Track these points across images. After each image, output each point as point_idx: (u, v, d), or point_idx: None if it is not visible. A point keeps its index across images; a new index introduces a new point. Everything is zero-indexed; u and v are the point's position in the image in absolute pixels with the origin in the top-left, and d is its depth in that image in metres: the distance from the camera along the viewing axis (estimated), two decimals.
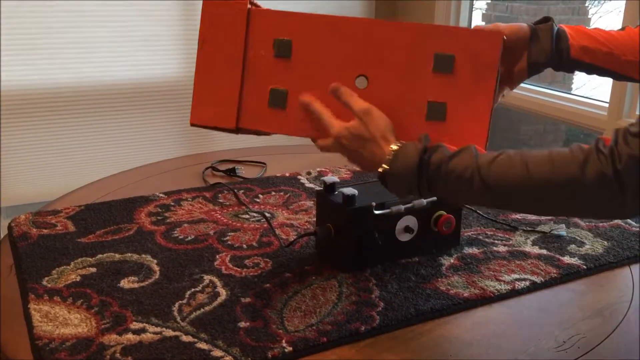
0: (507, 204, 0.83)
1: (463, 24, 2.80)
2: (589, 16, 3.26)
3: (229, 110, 0.99)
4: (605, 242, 1.20)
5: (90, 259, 1.09)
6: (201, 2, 1.03)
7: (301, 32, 0.95)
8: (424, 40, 0.93)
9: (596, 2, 3.49)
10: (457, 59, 0.92)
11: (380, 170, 0.88)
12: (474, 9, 2.93)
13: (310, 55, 0.95)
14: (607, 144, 0.75)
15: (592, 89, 3.61)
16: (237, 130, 0.99)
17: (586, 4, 3.16)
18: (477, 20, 2.93)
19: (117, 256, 1.11)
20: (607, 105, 2.15)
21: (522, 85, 1.10)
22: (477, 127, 0.94)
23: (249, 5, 0.96)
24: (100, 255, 1.11)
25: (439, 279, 1.05)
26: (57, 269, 1.06)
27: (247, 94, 0.98)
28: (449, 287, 1.02)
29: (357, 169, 0.99)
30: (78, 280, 1.02)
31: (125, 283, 1.02)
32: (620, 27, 1.05)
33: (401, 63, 0.94)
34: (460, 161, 0.82)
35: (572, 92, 3.07)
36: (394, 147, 0.87)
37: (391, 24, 0.94)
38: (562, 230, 1.24)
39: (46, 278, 1.02)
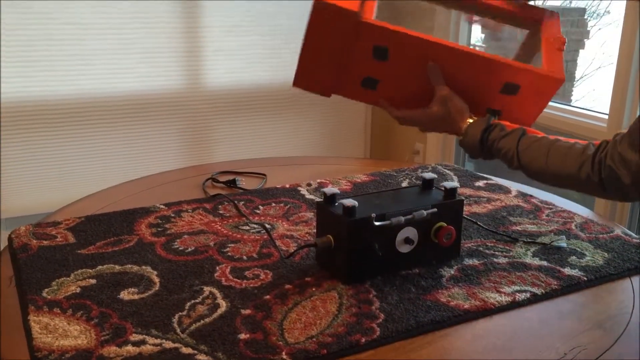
0: (535, 179, 1.16)
1: (463, 25, 2.80)
2: (588, 29, 3.27)
3: (326, 84, 1.21)
4: (606, 254, 1.19)
5: (90, 271, 1.09)
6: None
7: (396, 44, 1.12)
8: (500, 70, 1.14)
9: (595, 15, 3.51)
10: (522, 88, 1.16)
11: (458, 139, 1.22)
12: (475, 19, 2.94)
13: (401, 61, 1.14)
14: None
15: (592, 101, 3.63)
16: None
17: (585, 17, 3.18)
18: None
19: (117, 267, 1.11)
20: (606, 116, 2.16)
21: None
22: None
23: (358, 18, 1.07)
24: (100, 267, 1.11)
25: (440, 291, 1.05)
26: (57, 280, 1.05)
27: (343, 76, 1.19)
28: (449, 298, 1.02)
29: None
30: (78, 291, 1.02)
31: (125, 295, 1.02)
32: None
33: (473, 82, 1.16)
34: (506, 143, 1.13)
35: (572, 103, 3.07)
36: (466, 124, 1.18)
37: (471, 53, 1.09)
38: (562, 241, 1.24)
39: (46, 290, 1.02)
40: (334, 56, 1.13)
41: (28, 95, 2.52)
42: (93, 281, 1.06)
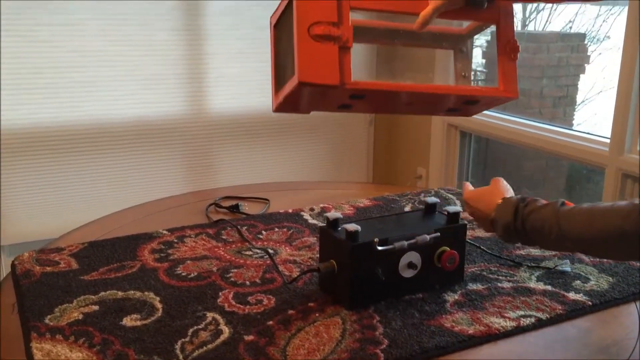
0: (577, 247, 0.98)
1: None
2: (588, 53, 3.30)
3: (304, 109, 1.16)
4: (610, 278, 1.19)
5: (93, 297, 1.09)
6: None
7: (373, 92, 1.11)
8: (462, 94, 1.15)
9: (595, 40, 3.54)
10: (480, 102, 1.15)
11: (490, 217, 1.07)
12: (474, 46, 2.97)
13: (377, 97, 1.12)
14: None
15: (593, 125, 3.64)
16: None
17: (585, 42, 3.20)
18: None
19: (120, 294, 1.10)
20: (608, 140, 2.16)
21: (523, 121, 1.26)
22: None
23: (342, 87, 1.04)
24: (103, 293, 1.10)
25: (444, 316, 1.04)
26: (59, 307, 1.05)
27: (321, 103, 1.14)
28: (453, 324, 1.02)
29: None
30: (80, 318, 1.02)
31: (128, 321, 1.01)
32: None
33: (438, 100, 1.16)
34: (545, 212, 0.98)
35: (573, 128, 3.09)
36: (497, 203, 1.07)
37: (438, 89, 1.14)
38: (566, 266, 1.23)
39: (49, 316, 1.02)
40: (312, 99, 1.14)
41: (31, 121, 2.54)
42: (96, 307, 1.05)
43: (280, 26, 1.12)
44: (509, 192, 1.11)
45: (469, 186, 1.21)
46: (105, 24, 2.56)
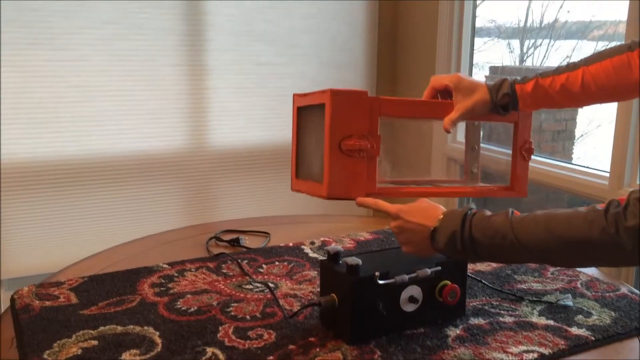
0: (536, 257, 0.93)
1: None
2: None
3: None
4: (613, 313, 1.18)
5: (92, 332, 1.08)
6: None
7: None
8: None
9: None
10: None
11: (430, 228, 0.98)
12: (474, 73, 2.99)
13: None
14: (620, 203, 0.83)
15: (592, 158, 3.65)
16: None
17: None
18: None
19: (119, 328, 1.10)
20: (607, 174, 2.17)
21: None
22: None
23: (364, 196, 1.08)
24: (102, 328, 1.10)
25: (446, 351, 1.03)
26: (58, 341, 1.04)
27: None
28: (455, 359, 1.01)
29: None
30: (79, 353, 1.01)
31: (127, 356, 1.00)
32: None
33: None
34: (497, 221, 0.92)
35: (573, 161, 3.10)
36: (440, 215, 0.98)
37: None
38: (568, 300, 1.23)
39: (47, 351, 1.01)
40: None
41: (32, 155, 2.55)
42: (95, 342, 1.04)
43: (309, 117, 1.13)
44: (422, 213, 1.02)
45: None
46: (108, 59, 2.59)
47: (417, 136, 3.09)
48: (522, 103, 1.12)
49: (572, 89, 1.08)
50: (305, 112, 1.14)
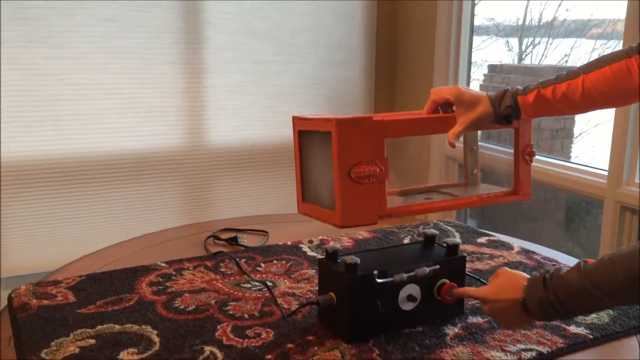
0: (617, 302, 0.93)
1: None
2: None
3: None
4: (611, 311, 1.18)
5: (90, 330, 1.08)
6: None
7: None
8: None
9: None
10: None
11: (520, 301, 0.97)
12: (472, 72, 2.99)
13: None
14: None
15: (591, 157, 3.65)
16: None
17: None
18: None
19: (117, 327, 1.09)
20: (606, 173, 2.17)
21: None
22: None
23: (376, 221, 1.07)
24: (100, 327, 1.09)
25: (444, 350, 1.03)
26: (56, 340, 1.04)
27: None
28: (454, 358, 1.01)
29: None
30: (77, 352, 1.01)
31: (125, 355, 1.00)
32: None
33: None
34: (572, 275, 0.92)
35: (571, 160, 3.10)
36: (524, 284, 0.97)
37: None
38: None
39: (45, 350, 1.01)
40: None
41: (30, 154, 2.54)
42: (92, 341, 1.04)
43: (313, 141, 1.12)
44: (506, 288, 1.01)
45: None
46: (106, 58, 2.58)
47: (416, 143, 3.08)
48: (524, 113, 1.13)
49: (573, 97, 1.08)
50: (309, 137, 1.13)
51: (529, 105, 1.12)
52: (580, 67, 1.09)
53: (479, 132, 1.31)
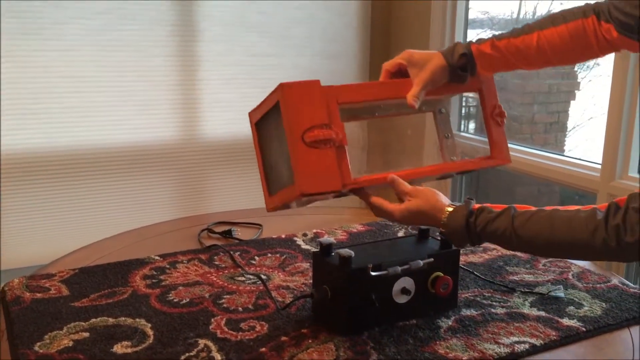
0: (540, 254, 1.10)
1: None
2: (579, 80, 3.33)
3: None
4: (604, 304, 1.19)
5: (84, 324, 1.08)
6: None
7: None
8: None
9: (585, 67, 3.59)
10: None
11: (441, 230, 1.03)
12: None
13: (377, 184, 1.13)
14: (620, 205, 0.87)
15: (585, 151, 3.66)
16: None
17: (575, 69, 3.24)
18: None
19: (111, 320, 1.09)
20: (599, 166, 2.17)
21: (516, 147, 1.25)
22: None
23: (340, 188, 1.04)
24: (93, 320, 1.09)
25: (438, 342, 1.03)
26: (49, 333, 1.04)
27: None
28: (447, 350, 1.01)
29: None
30: (70, 345, 1.00)
31: (119, 348, 1.00)
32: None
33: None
34: (499, 223, 0.96)
35: (565, 153, 3.11)
36: (445, 214, 1.01)
37: (433, 170, 1.21)
38: (560, 291, 1.23)
39: (38, 343, 1.01)
40: (311, 199, 1.14)
41: (24, 147, 2.53)
42: (86, 334, 1.04)
43: (266, 126, 1.11)
44: (436, 198, 1.04)
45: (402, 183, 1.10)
46: (100, 50, 2.57)
47: (410, 127, 3.09)
48: (480, 64, 1.11)
49: (527, 52, 1.08)
50: (263, 123, 1.12)
51: (484, 56, 1.10)
52: (536, 23, 1.09)
53: (452, 120, 1.28)
